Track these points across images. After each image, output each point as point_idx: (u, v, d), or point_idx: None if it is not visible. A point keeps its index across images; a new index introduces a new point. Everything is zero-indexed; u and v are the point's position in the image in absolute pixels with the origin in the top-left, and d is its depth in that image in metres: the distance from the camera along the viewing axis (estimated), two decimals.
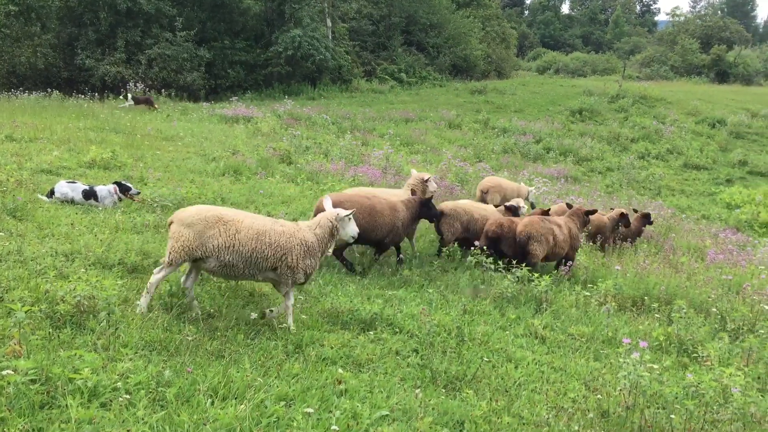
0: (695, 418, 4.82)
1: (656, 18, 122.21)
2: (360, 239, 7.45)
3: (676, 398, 4.97)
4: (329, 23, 35.15)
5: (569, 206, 10.80)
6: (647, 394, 5.00)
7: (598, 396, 5.31)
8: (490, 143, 25.47)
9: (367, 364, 5.42)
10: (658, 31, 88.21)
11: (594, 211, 10.52)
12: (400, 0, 41.18)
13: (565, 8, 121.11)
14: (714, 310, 8.20)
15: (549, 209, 10.56)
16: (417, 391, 4.90)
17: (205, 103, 24.67)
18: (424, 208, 8.70)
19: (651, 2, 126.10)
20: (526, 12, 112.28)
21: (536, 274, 8.15)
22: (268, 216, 7.08)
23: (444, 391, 5.17)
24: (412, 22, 42.27)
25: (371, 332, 6.14)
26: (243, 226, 5.73)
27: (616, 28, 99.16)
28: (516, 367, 5.87)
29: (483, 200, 11.29)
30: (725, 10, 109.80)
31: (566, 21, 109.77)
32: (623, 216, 11.91)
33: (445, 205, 9.55)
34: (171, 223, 5.82)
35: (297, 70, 32.39)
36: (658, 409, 5.09)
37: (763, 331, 7.49)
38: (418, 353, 5.86)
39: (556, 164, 24.01)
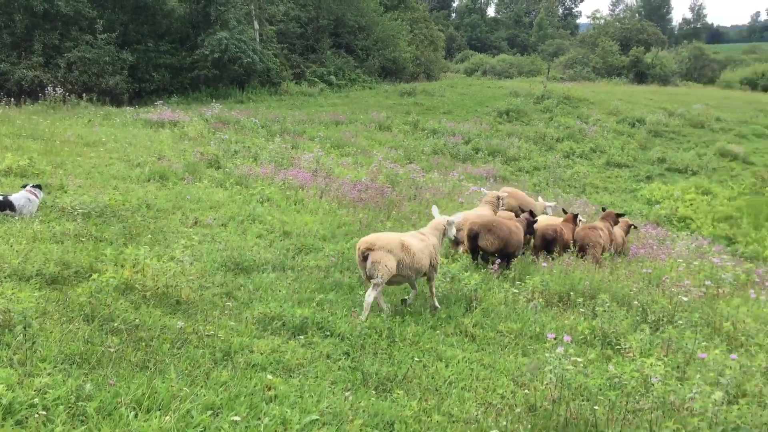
0: (617, 408, 4.98)
1: (578, 21, 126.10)
2: (501, 254, 9.60)
3: (600, 390, 5.12)
4: (257, 26, 34.77)
5: (564, 212, 12.62)
6: (572, 387, 5.13)
7: (526, 391, 5.42)
8: (421, 144, 25.71)
9: (297, 369, 5.37)
10: (580, 33, 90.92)
11: (623, 214, 12.96)
12: (328, 2, 41.06)
13: (491, 11, 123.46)
14: (636, 303, 8.49)
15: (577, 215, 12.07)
16: (347, 393, 4.90)
17: (128, 108, 24.00)
18: (531, 225, 10.62)
19: (573, 6, 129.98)
20: (453, 15, 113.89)
21: (466, 273, 8.27)
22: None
23: (375, 392, 5.17)
24: (340, 24, 42.24)
25: (302, 337, 6.10)
26: (415, 249, 7.26)
27: (540, 31, 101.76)
28: (446, 366, 5.93)
29: (495, 204, 11.69)
30: (642, 13, 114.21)
31: (492, 24, 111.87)
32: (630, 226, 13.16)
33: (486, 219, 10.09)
34: (368, 248, 6.95)
35: (224, 74, 31.89)
36: (583, 401, 5.23)
37: (681, 322, 7.80)
38: (349, 356, 5.85)
39: (485, 164, 24.43)
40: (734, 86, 60.65)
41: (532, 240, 11.18)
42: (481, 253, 9.82)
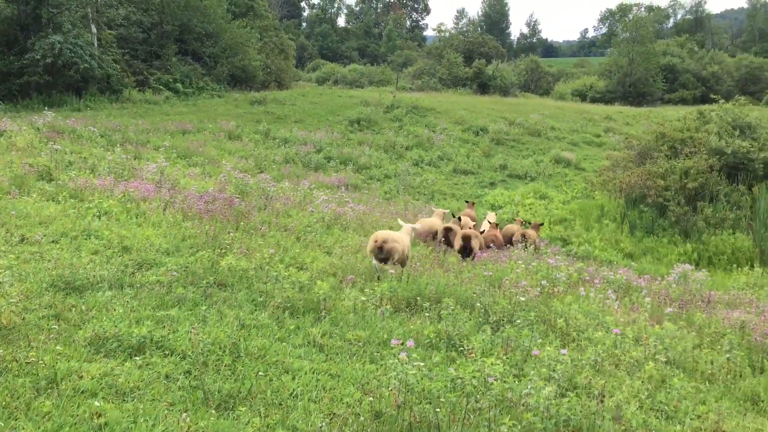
0: (459, 409, 5.12)
1: (425, 33, 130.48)
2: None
3: (442, 392, 5.24)
4: (94, 30, 32.88)
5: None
6: (416, 391, 5.22)
7: (371, 398, 5.44)
8: (272, 153, 25.43)
9: (132, 392, 5.06)
10: (427, 45, 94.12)
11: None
12: (172, 7, 39.64)
13: (341, 21, 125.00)
14: (478, 304, 8.80)
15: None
16: (184, 415, 4.68)
17: None
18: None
19: (420, 18, 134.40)
20: (304, 24, 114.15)
21: (319, 282, 8.23)
22: None
23: (216, 411, 4.98)
24: (186, 30, 40.92)
25: (139, 357, 5.77)
26: (405, 244, 10.45)
27: (390, 42, 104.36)
28: (293, 379, 5.84)
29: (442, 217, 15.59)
30: (483, 27, 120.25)
31: (343, 34, 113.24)
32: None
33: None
34: (384, 241, 9.87)
35: (59, 80, 29.85)
36: (426, 404, 5.33)
37: (519, 321, 8.20)
38: (190, 374, 5.60)
39: (336, 173, 24.58)
40: (567, 97, 65.33)
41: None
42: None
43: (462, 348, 7.29)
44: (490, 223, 16.66)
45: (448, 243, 13.78)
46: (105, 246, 9.30)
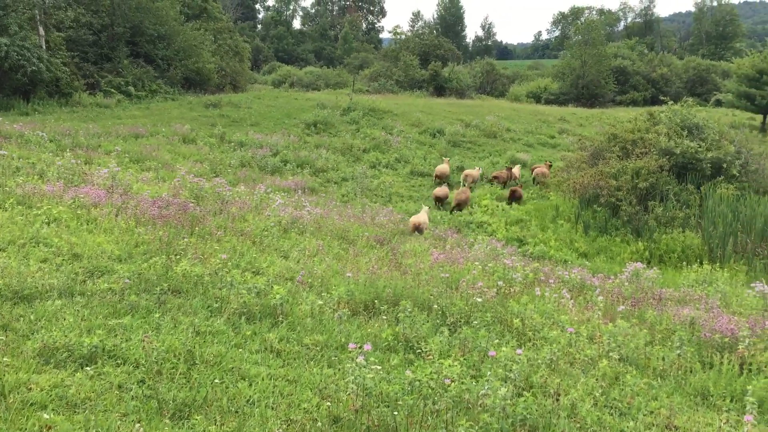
0: (416, 412, 5.13)
1: (381, 35, 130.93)
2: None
3: (400, 395, 5.24)
4: (42, 32, 32.08)
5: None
6: (373, 395, 5.21)
7: (328, 403, 5.42)
8: (227, 157, 25.16)
9: (83, 403, 4.95)
10: (383, 48, 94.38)
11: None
12: (123, 9, 38.90)
13: (297, 24, 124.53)
14: (436, 306, 8.85)
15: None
16: (137, 425, 4.59)
17: None
18: None
19: (375, 21, 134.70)
20: (259, 26, 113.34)
21: (275, 287, 8.16)
22: None
23: (170, 420, 4.90)
24: (138, 32, 40.20)
25: (90, 367, 5.64)
26: (427, 221, 18.18)
27: (346, 44, 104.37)
28: (250, 385, 5.78)
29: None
30: (439, 29, 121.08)
31: (299, 36, 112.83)
32: None
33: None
34: (419, 224, 17.64)
35: (5, 83, 29.04)
36: (384, 408, 5.33)
37: (476, 322, 8.27)
38: (144, 383, 5.50)
39: (293, 176, 24.44)
40: (522, 99, 66.21)
41: None
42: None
43: (420, 350, 7.32)
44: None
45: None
46: (54, 253, 9.07)
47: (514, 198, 24.53)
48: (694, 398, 7.25)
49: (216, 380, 5.72)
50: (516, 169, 28.57)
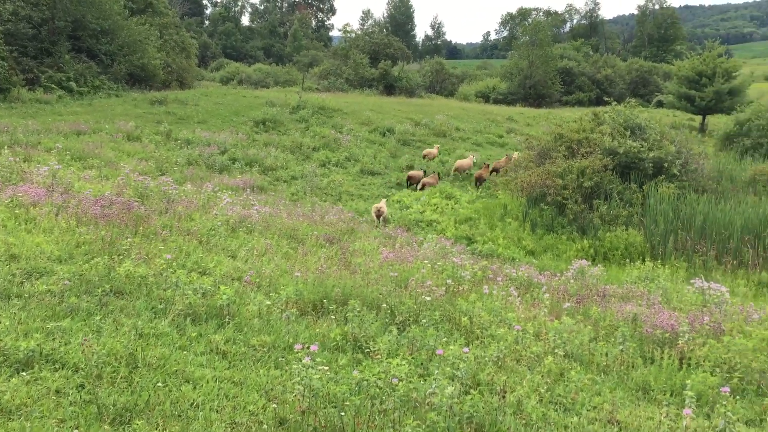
0: (364, 412, 5.11)
1: (331, 34, 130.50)
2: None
3: (346, 395, 5.22)
4: None
5: None
6: (320, 396, 5.17)
7: (275, 405, 5.35)
8: (174, 155, 24.70)
9: (18, 409, 4.78)
10: (333, 46, 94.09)
11: None
12: (65, 2, 37.77)
13: (245, 20, 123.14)
14: (384, 305, 8.85)
15: None
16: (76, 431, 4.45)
17: None
18: None
19: (325, 18, 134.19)
20: (207, 22, 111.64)
21: (222, 287, 8.04)
22: None
23: (110, 426, 4.77)
24: (80, 27, 39.09)
25: (26, 372, 5.44)
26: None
27: (295, 42, 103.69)
28: (194, 388, 5.67)
29: None
30: (389, 28, 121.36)
31: (247, 33, 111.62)
32: None
33: None
34: (380, 209, 20.42)
35: None
36: (331, 408, 5.29)
37: (425, 321, 8.29)
38: (84, 388, 5.34)
39: (242, 175, 24.15)
40: (470, 99, 66.86)
41: None
42: None
43: (368, 349, 7.30)
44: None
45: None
46: None
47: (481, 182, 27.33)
48: (636, 393, 7.42)
49: (159, 384, 5.59)
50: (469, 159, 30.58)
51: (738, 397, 7.52)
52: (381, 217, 20.36)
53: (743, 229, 19.62)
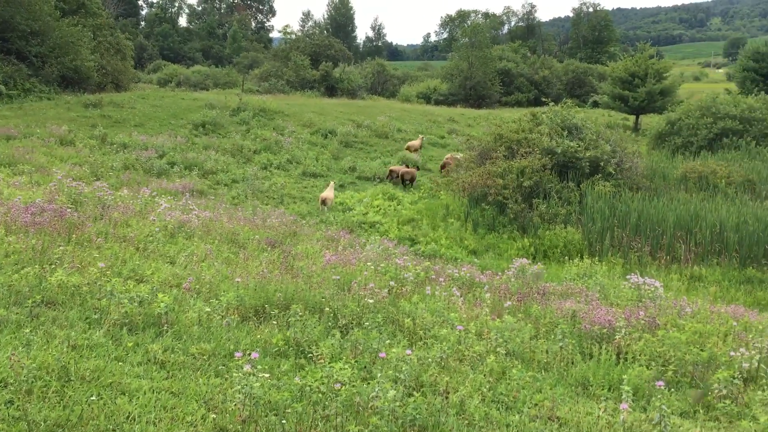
0: (305, 419, 5.04)
1: (271, 35, 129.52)
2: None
3: (287, 403, 5.14)
4: None
5: None
6: (261, 404, 5.09)
7: (214, 415, 5.24)
8: (109, 160, 24.06)
9: None
10: (274, 47, 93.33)
11: None
12: None
13: (183, 21, 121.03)
14: (327, 309, 8.78)
15: None
16: None
17: None
18: None
19: (265, 20, 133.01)
20: (143, 23, 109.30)
21: (160, 294, 7.83)
22: None
23: None
24: (8, 28, 37.68)
25: None
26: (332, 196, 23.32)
27: (235, 43, 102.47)
28: (130, 400, 5.50)
29: None
30: (330, 30, 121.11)
31: (185, 34, 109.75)
32: None
33: None
34: (325, 198, 22.90)
35: None
36: (273, 416, 5.21)
37: (368, 323, 8.26)
38: (12, 404, 5.12)
39: (181, 179, 23.68)
40: (412, 100, 67.28)
41: None
42: None
43: (311, 354, 7.23)
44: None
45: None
46: None
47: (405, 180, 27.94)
48: (576, 388, 7.56)
49: (93, 397, 5.40)
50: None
51: (673, 389, 7.75)
52: (326, 206, 22.76)
53: (676, 225, 20.29)
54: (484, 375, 7.11)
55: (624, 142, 28.10)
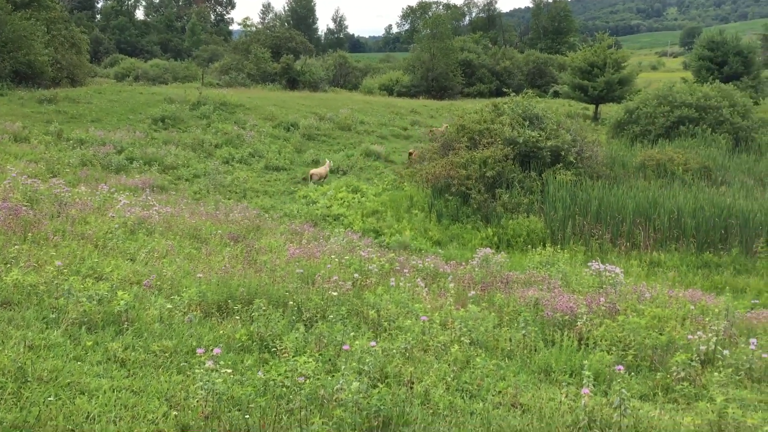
0: (269, 413, 5.01)
1: (231, 27, 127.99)
2: None
3: (251, 397, 5.11)
4: None
5: None
6: (224, 400, 5.04)
7: (176, 412, 5.18)
8: (66, 156, 23.56)
9: None
10: (233, 40, 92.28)
11: None
12: None
13: (140, 14, 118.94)
14: (291, 302, 8.74)
15: None
16: None
17: None
18: None
19: (224, 12, 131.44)
20: (98, 16, 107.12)
21: (120, 292, 7.70)
22: None
23: None
24: None
25: None
26: (324, 171, 26.46)
27: (194, 36, 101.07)
28: (90, 400, 5.39)
29: None
30: (291, 22, 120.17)
31: (142, 27, 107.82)
32: None
33: None
34: (312, 174, 25.92)
35: None
36: (236, 411, 5.16)
37: (332, 316, 8.24)
38: None
39: (140, 174, 23.31)
40: (374, 92, 67.18)
41: None
42: None
43: (275, 348, 7.19)
44: None
45: None
46: None
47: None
48: (538, 375, 7.65)
49: (51, 397, 5.29)
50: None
51: (633, 373, 7.89)
52: (315, 179, 25.57)
53: (635, 212, 20.65)
54: (449, 364, 7.15)
55: (584, 131, 28.47)
